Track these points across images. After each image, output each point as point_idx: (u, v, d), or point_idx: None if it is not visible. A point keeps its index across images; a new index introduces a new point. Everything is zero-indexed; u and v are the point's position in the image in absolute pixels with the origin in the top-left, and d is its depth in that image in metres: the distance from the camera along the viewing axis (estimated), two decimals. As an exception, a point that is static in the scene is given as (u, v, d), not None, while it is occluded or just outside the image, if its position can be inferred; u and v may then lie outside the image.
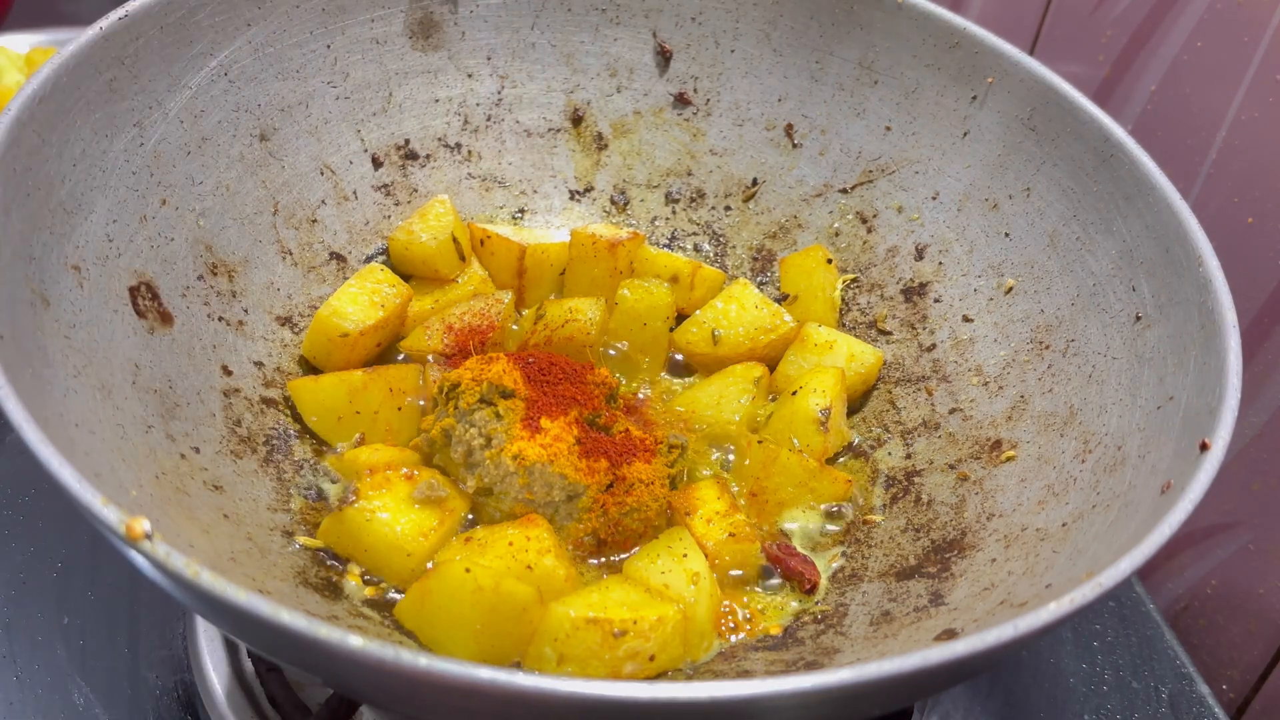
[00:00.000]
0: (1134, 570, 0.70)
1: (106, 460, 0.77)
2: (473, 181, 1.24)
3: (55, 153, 0.86)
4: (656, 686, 0.59)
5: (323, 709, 0.94)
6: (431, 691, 0.60)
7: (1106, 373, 0.97)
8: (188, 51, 1.00)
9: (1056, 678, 1.16)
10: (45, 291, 0.81)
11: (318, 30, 1.11)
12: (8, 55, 1.46)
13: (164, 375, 0.92)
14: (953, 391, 1.10)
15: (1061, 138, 1.08)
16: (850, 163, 1.23)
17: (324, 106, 1.13)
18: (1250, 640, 1.25)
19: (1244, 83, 1.19)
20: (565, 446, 0.94)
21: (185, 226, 1.00)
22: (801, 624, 0.93)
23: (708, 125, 1.26)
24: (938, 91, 1.17)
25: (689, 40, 1.24)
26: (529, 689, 0.58)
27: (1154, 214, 0.98)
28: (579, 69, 1.25)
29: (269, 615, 0.60)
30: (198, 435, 0.92)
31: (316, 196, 1.14)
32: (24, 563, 1.10)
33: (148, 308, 0.93)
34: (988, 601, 0.84)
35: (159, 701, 1.01)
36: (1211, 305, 0.89)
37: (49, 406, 0.74)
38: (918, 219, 1.19)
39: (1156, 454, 0.85)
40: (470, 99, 1.23)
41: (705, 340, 1.15)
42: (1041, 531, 0.90)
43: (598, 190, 1.27)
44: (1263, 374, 1.20)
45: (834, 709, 0.67)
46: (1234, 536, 1.26)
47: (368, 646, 0.58)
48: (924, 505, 1.02)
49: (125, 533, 0.62)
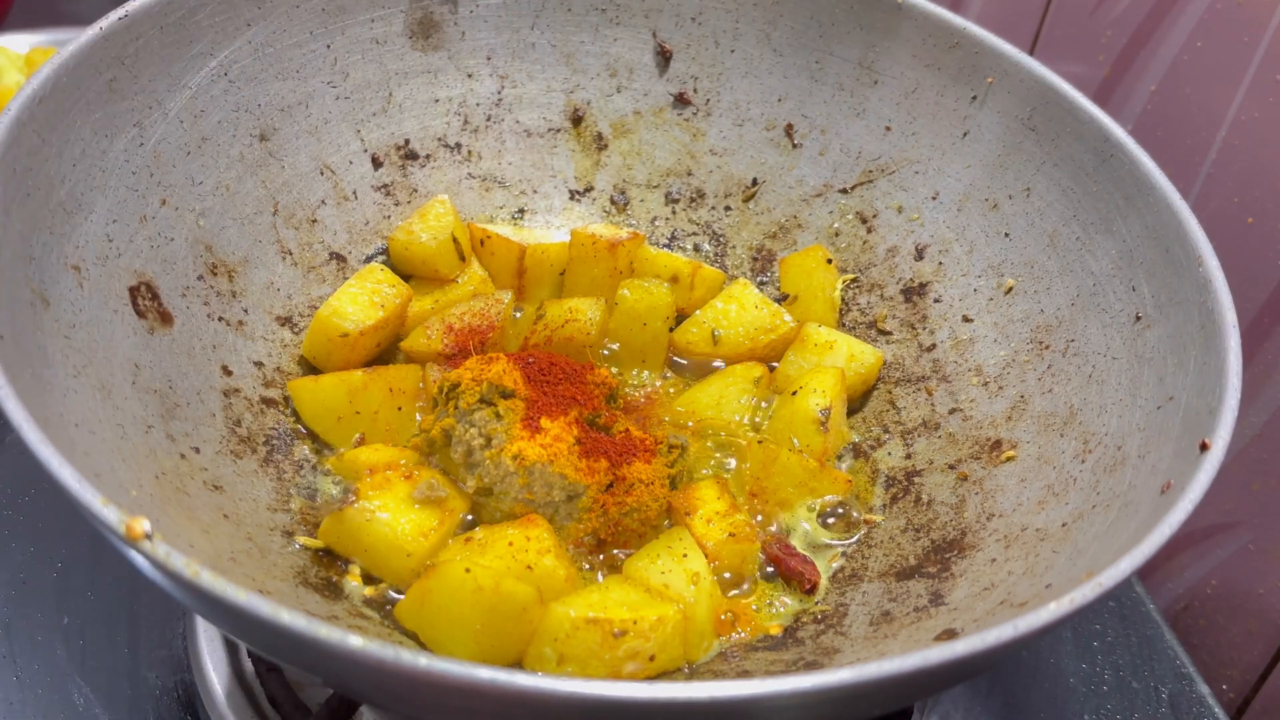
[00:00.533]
0: (1134, 570, 0.70)
1: (106, 460, 0.76)
2: (473, 181, 1.24)
3: (55, 153, 0.86)
4: (656, 686, 0.59)
5: (323, 709, 0.94)
6: (431, 691, 0.60)
7: (1106, 373, 0.97)
8: (188, 51, 1.00)
9: (1056, 678, 1.16)
10: (45, 291, 0.81)
11: (318, 30, 1.11)
12: (8, 55, 1.47)
13: (164, 375, 0.92)
14: (953, 391, 1.10)
15: (1061, 138, 1.08)
16: (850, 163, 1.23)
17: (324, 106, 1.13)
18: (1250, 640, 1.25)
19: (1244, 83, 1.19)
20: (565, 446, 0.94)
21: (185, 226, 1.00)
22: (801, 624, 0.93)
23: (708, 125, 1.26)
24: (938, 91, 1.17)
25: (689, 40, 1.24)
26: (529, 689, 0.58)
27: (1154, 214, 0.98)
28: (579, 69, 1.25)
29: (269, 615, 0.60)
30: (198, 435, 0.92)
31: (316, 196, 1.13)
32: (24, 563, 1.10)
33: (148, 308, 0.93)
34: (988, 601, 0.84)
35: (159, 701, 1.01)
36: (1211, 305, 0.89)
37: (49, 406, 0.74)
38: (918, 219, 1.19)
39: (1156, 454, 0.85)
40: (470, 99, 1.23)
41: (705, 340, 1.15)
42: (1041, 531, 0.90)
43: (598, 190, 1.27)
44: (1263, 374, 1.21)
45: (834, 709, 0.67)
46: (1234, 536, 1.26)
47: (368, 646, 0.58)
48: (924, 505, 1.02)
49: (125, 533, 0.62)
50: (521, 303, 1.20)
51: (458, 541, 0.91)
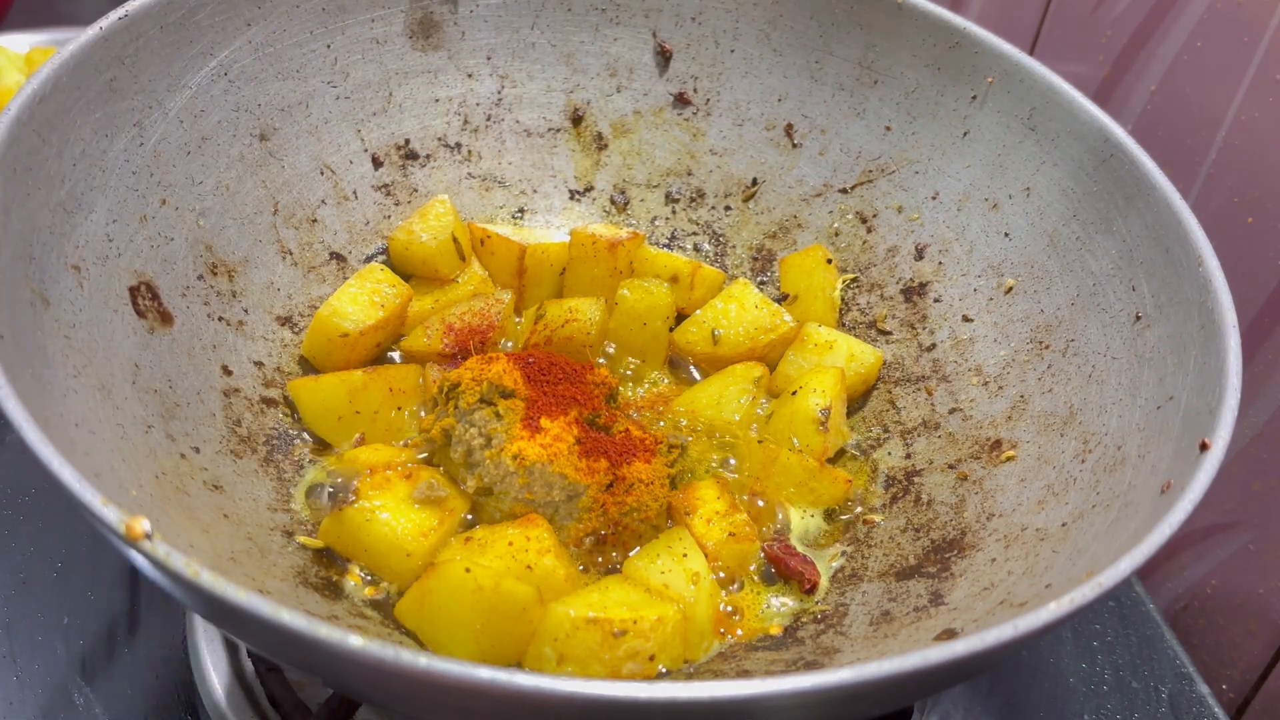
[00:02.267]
0: (1134, 570, 0.70)
1: (106, 460, 0.77)
2: (473, 181, 1.24)
3: (55, 152, 0.86)
4: (657, 686, 0.59)
5: (323, 709, 0.94)
6: (431, 691, 0.60)
7: (1106, 372, 0.97)
8: (188, 51, 1.00)
9: (1056, 678, 1.16)
10: (45, 291, 0.81)
11: (318, 30, 1.11)
12: (8, 55, 1.46)
13: (164, 375, 0.92)
14: (953, 391, 1.10)
15: (1061, 137, 1.08)
16: (850, 162, 1.23)
17: (324, 106, 1.13)
18: (1250, 640, 1.25)
19: (1244, 83, 1.19)
20: (565, 446, 0.94)
21: (185, 226, 1.00)
22: (801, 624, 0.93)
23: (707, 125, 1.26)
24: (937, 91, 1.17)
25: (689, 40, 1.24)
26: (529, 689, 0.58)
27: (1154, 214, 0.98)
28: (579, 69, 1.25)
29: (269, 615, 0.60)
30: (198, 435, 0.92)
31: (316, 196, 1.13)
32: (24, 563, 1.10)
33: (148, 307, 0.93)
34: (988, 601, 0.84)
35: (159, 701, 1.01)
36: (1211, 305, 0.89)
37: (49, 406, 0.74)
38: (917, 219, 1.19)
39: (1156, 454, 0.85)
40: (470, 99, 1.22)
41: (705, 340, 1.15)
42: (1041, 531, 0.90)
43: (598, 190, 1.27)
44: (1263, 374, 1.20)
45: (834, 709, 0.67)
46: (1234, 536, 1.26)
47: (368, 646, 0.58)
48: (924, 505, 1.02)
49: (125, 532, 0.62)
50: (522, 303, 1.20)
51: (458, 541, 0.91)
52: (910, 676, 0.62)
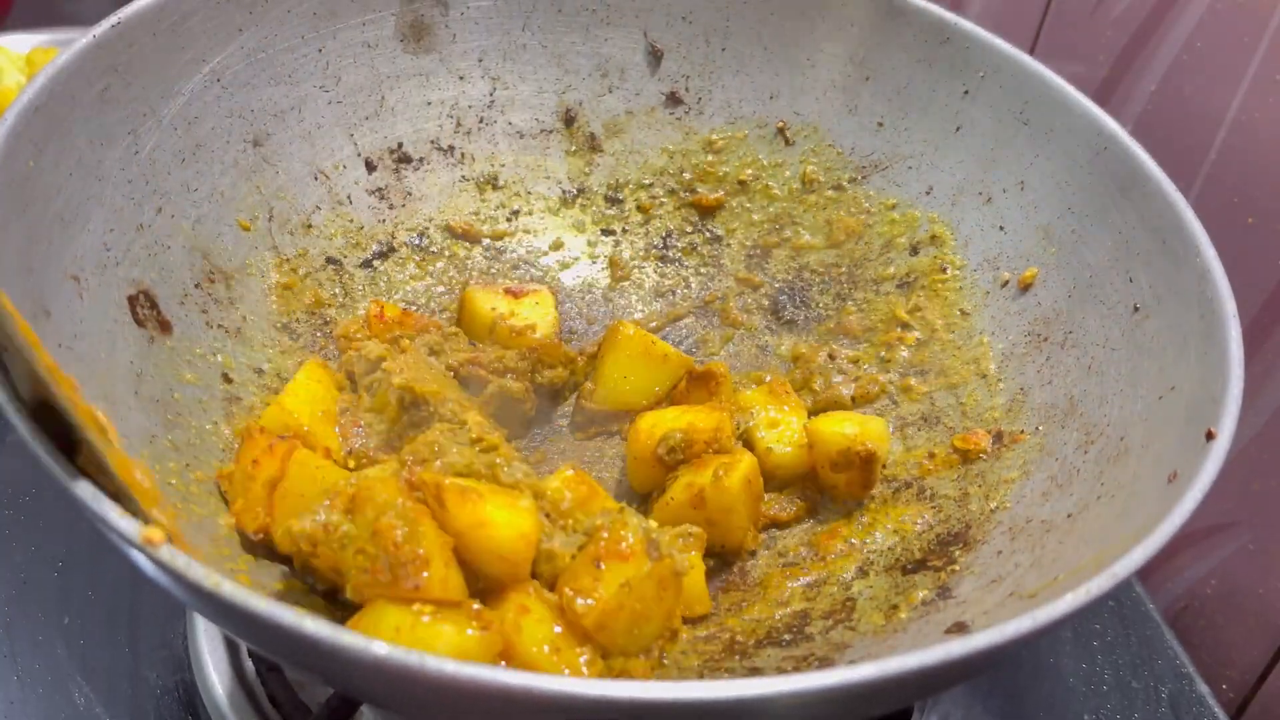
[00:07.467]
0: (1148, 558, 0.70)
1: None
2: (466, 184, 1.23)
3: (51, 163, 0.85)
4: (657, 686, 0.59)
5: (323, 709, 0.94)
6: (453, 696, 0.60)
7: (1106, 364, 0.98)
8: (180, 58, 0.99)
9: (1056, 678, 1.16)
10: (46, 303, 0.80)
11: (309, 35, 1.10)
12: (8, 56, 1.45)
13: (165, 384, 0.91)
14: (951, 385, 1.10)
15: (1054, 131, 1.09)
16: (843, 159, 1.23)
17: (317, 111, 1.13)
18: (1250, 640, 1.26)
19: (1244, 83, 1.19)
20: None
21: (181, 234, 0.99)
22: (810, 619, 0.93)
23: (700, 124, 1.26)
24: (929, 86, 1.18)
25: (680, 39, 1.24)
26: (529, 689, 0.57)
27: (1149, 205, 0.99)
28: (570, 70, 1.25)
29: (291, 624, 0.59)
30: (201, 444, 0.92)
31: (311, 201, 1.13)
32: (24, 563, 1.09)
33: (147, 316, 0.93)
34: (996, 594, 0.85)
35: (159, 701, 1.01)
36: (1210, 294, 0.89)
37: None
38: (912, 214, 1.19)
39: (1160, 444, 0.86)
40: (462, 101, 1.22)
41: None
42: (1047, 523, 0.90)
43: (591, 191, 1.27)
44: (1263, 374, 1.21)
45: (849, 706, 0.67)
46: (1234, 536, 1.27)
47: (392, 653, 0.58)
48: (926, 499, 1.03)
49: (143, 543, 0.61)
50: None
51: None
52: (931, 671, 0.62)
